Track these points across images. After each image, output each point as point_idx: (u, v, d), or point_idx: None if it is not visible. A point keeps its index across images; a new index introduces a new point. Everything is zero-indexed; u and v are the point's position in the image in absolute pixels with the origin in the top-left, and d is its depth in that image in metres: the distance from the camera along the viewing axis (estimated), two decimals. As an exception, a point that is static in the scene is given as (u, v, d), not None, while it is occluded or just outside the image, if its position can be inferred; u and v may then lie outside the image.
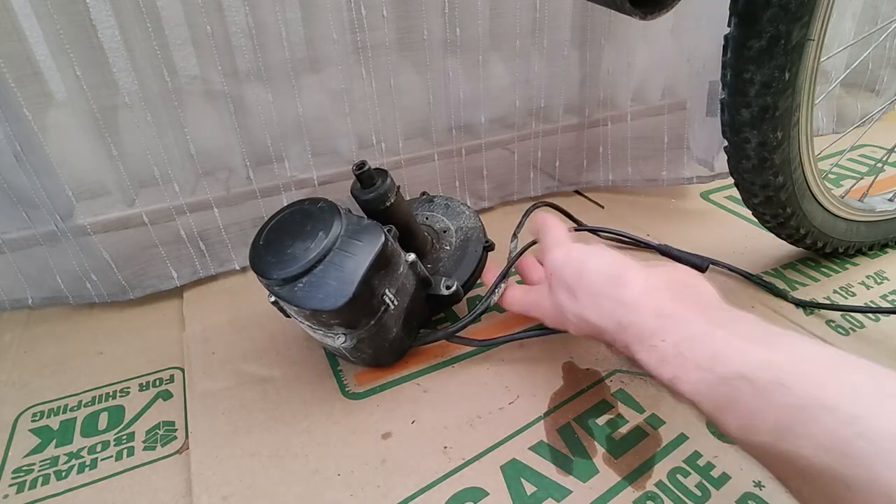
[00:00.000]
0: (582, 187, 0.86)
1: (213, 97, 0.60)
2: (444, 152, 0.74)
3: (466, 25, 0.66)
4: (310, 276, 0.43)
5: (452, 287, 0.53)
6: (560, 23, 0.71)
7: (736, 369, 0.30)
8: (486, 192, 0.79)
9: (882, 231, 0.67)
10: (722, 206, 0.81)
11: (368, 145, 0.69)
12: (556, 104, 0.77)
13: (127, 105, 0.56)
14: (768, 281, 0.62)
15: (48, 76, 0.53)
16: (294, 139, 0.64)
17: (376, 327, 0.47)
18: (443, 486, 0.41)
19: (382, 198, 0.49)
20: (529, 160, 0.80)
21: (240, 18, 0.56)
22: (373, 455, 0.44)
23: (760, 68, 0.44)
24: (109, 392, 0.52)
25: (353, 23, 0.61)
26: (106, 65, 0.54)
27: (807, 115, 0.50)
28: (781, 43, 0.42)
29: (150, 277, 0.64)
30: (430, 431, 0.46)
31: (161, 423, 0.49)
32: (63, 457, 0.46)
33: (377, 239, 0.44)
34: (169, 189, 0.61)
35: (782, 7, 0.40)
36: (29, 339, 0.60)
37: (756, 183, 0.53)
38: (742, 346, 0.31)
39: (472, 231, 0.59)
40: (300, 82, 0.62)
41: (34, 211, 0.56)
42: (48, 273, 0.60)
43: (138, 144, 0.58)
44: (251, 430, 0.47)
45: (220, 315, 0.61)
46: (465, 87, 0.70)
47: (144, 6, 0.52)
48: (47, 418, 0.50)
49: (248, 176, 0.65)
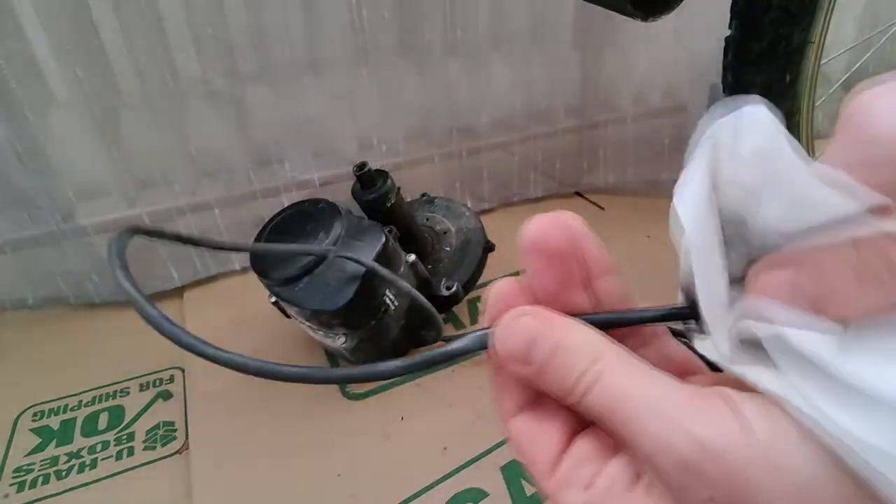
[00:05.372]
0: (582, 189, 0.86)
1: (214, 98, 0.60)
2: (445, 154, 0.74)
3: (467, 27, 0.66)
4: (310, 276, 0.43)
5: (452, 288, 0.53)
6: (561, 25, 0.71)
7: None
8: (486, 194, 0.79)
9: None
10: (722, 208, 0.81)
11: (369, 146, 0.69)
12: (556, 106, 0.77)
13: (128, 106, 0.56)
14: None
15: (50, 77, 0.53)
16: (295, 140, 0.64)
17: (377, 328, 0.47)
18: (443, 487, 0.41)
19: (383, 199, 0.49)
20: (530, 162, 0.80)
21: (241, 20, 0.56)
22: (373, 455, 0.44)
23: (761, 71, 0.44)
24: (109, 392, 0.52)
25: (355, 24, 0.61)
26: (107, 66, 0.54)
27: (807, 117, 0.50)
28: (782, 45, 0.42)
29: (151, 277, 0.64)
30: (429, 432, 0.46)
31: (161, 424, 0.49)
32: (63, 456, 0.46)
33: (378, 239, 0.45)
34: (170, 189, 0.61)
35: (783, 10, 0.41)
36: (29, 339, 0.60)
37: (756, 185, 0.53)
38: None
39: (472, 232, 0.59)
40: (301, 83, 0.62)
41: (35, 211, 0.56)
42: (49, 273, 0.60)
43: (139, 145, 0.58)
44: (251, 431, 0.47)
45: (220, 315, 0.61)
46: (466, 89, 0.70)
47: (146, 7, 0.52)
48: (47, 418, 0.50)
49: (249, 177, 0.65)
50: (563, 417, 0.20)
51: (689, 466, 0.15)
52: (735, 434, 0.15)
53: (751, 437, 0.15)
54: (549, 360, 0.18)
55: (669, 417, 0.16)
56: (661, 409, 0.16)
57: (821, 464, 0.15)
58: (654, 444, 0.16)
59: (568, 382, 0.18)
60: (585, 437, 0.19)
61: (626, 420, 0.17)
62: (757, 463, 0.15)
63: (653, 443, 0.16)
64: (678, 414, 0.16)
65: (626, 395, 0.17)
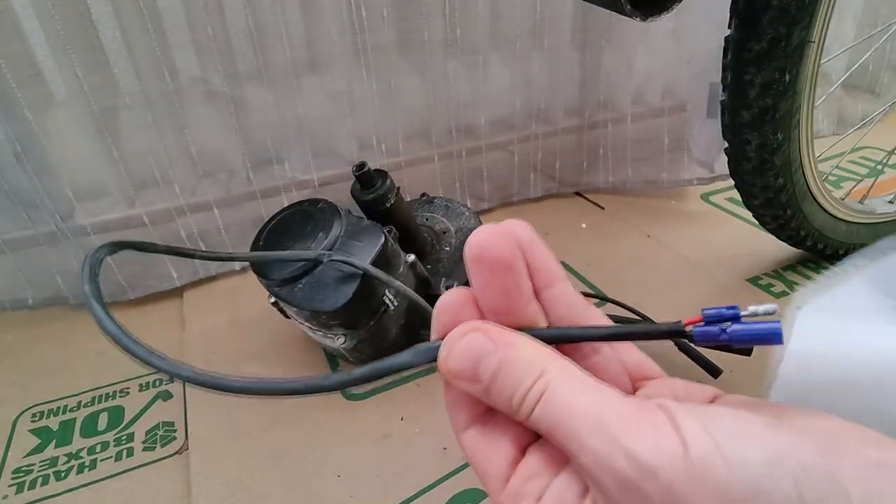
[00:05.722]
0: (582, 189, 0.86)
1: (213, 98, 0.60)
2: (445, 153, 0.74)
3: (467, 27, 0.66)
4: (310, 276, 0.43)
5: (452, 288, 0.53)
6: (560, 24, 0.71)
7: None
8: (486, 194, 0.79)
9: (882, 233, 0.67)
10: (722, 207, 0.81)
11: (368, 146, 0.69)
12: (556, 106, 0.77)
13: (128, 106, 0.56)
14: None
15: (49, 77, 0.53)
16: (294, 140, 0.64)
17: (376, 328, 0.47)
18: (443, 487, 0.41)
19: (382, 199, 0.49)
20: (530, 162, 0.80)
21: (241, 20, 0.56)
22: (373, 455, 0.44)
23: (761, 70, 0.44)
24: (109, 392, 0.52)
25: (354, 24, 0.61)
26: (107, 66, 0.54)
27: (807, 116, 0.50)
28: (782, 45, 0.42)
29: (151, 277, 0.64)
30: (429, 432, 0.46)
31: (161, 424, 0.49)
32: (62, 457, 0.46)
33: (377, 239, 0.44)
34: (169, 190, 0.61)
35: (783, 9, 0.40)
36: (29, 339, 0.60)
37: (756, 185, 0.53)
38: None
39: (472, 232, 0.59)
40: (301, 83, 0.62)
41: (35, 211, 0.56)
42: (48, 273, 0.60)
43: (139, 145, 0.58)
44: (251, 431, 0.47)
45: (220, 315, 0.61)
46: (466, 89, 0.70)
47: (146, 7, 0.52)
48: (47, 419, 0.50)
49: (249, 177, 0.65)
50: (514, 431, 0.20)
51: (628, 485, 0.16)
52: (673, 450, 0.15)
53: (687, 454, 0.15)
54: (495, 377, 0.18)
55: (609, 434, 0.16)
56: (602, 426, 0.16)
57: (761, 475, 0.15)
58: (595, 461, 0.16)
59: (515, 401, 0.18)
60: (535, 451, 0.20)
61: (570, 436, 0.17)
62: (693, 480, 0.15)
63: (594, 459, 0.16)
64: (618, 430, 0.16)
65: (569, 411, 0.17)
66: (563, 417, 0.17)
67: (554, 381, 0.18)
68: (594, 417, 0.17)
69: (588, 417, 0.17)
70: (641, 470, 0.15)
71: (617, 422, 0.16)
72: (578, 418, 0.17)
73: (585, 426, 0.17)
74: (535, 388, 0.18)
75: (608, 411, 0.17)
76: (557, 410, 0.17)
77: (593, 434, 0.16)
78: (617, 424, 0.16)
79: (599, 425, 0.16)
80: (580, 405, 0.17)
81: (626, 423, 0.16)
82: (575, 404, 0.17)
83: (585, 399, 0.17)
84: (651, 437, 0.16)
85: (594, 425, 0.16)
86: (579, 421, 0.17)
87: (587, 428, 0.17)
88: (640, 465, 0.15)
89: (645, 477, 0.15)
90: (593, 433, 0.16)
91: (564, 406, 0.17)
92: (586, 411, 0.17)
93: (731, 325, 0.18)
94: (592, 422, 0.17)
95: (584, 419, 0.17)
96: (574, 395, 0.17)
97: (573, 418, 0.17)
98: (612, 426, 0.16)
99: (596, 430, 0.16)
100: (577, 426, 0.17)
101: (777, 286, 0.62)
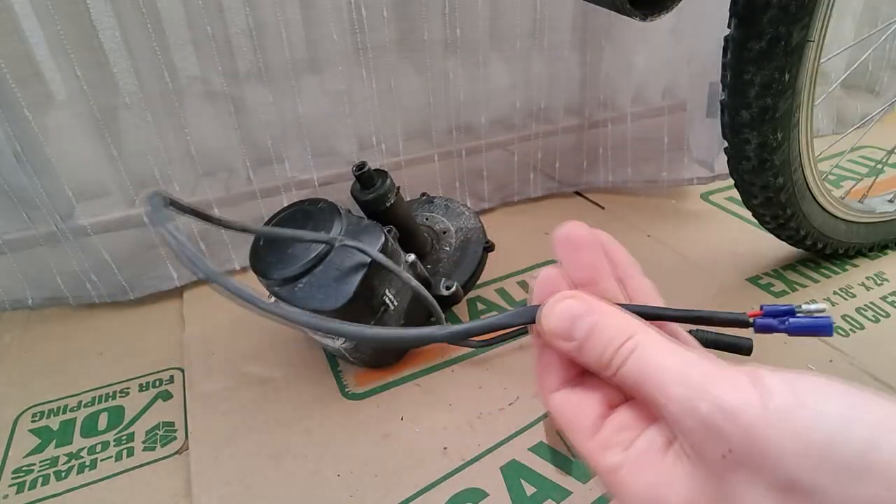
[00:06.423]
0: (582, 188, 0.86)
1: (213, 98, 0.60)
2: (445, 153, 0.74)
3: (467, 26, 0.66)
4: (310, 276, 0.43)
5: (452, 287, 0.53)
6: (560, 24, 0.71)
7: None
8: (486, 193, 0.79)
9: (882, 232, 0.67)
10: (722, 207, 0.81)
11: (368, 146, 0.69)
12: (556, 105, 0.77)
13: (127, 105, 0.56)
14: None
15: (49, 77, 0.53)
16: (294, 140, 0.64)
17: (376, 328, 0.47)
18: (443, 487, 0.41)
19: (382, 198, 0.49)
20: (530, 161, 0.80)
21: (240, 19, 0.56)
22: (373, 455, 0.44)
23: (760, 69, 0.44)
24: (109, 392, 0.52)
25: (354, 24, 0.61)
26: (106, 65, 0.54)
27: (807, 116, 0.50)
28: (781, 44, 0.42)
29: (150, 277, 0.64)
30: (429, 432, 0.46)
31: (161, 424, 0.49)
32: (63, 457, 0.46)
33: (377, 239, 0.45)
34: (169, 189, 0.61)
35: (782, 9, 0.40)
36: (29, 340, 0.60)
37: (756, 184, 0.53)
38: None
39: (472, 232, 0.59)
40: (300, 83, 0.62)
41: (34, 211, 0.56)
42: (48, 273, 0.60)
43: (138, 145, 0.58)
44: (251, 431, 0.47)
45: (220, 315, 0.61)
46: (466, 89, 0.70)
47: (145, 7, 0.52)
48: (47, 419, 0.50)
49: (249, 176, 0.65)
50: (602, 392, 0.22)
51: (709, 425, 0.17)
52: (752, 399, 0.17)
53: (768, 402, 0.17)
54: (589, 336, 0.20)
55: (694, 384, 0.18)
56: (687, 378, 0.18)
57: (839, 425, 0.16)
58: (680, 408, 0.18)
59: (605, 356, 0.20)
60: (624, 409, 0.21)
61: (657, 387, 0.19)
62: (773, 424, 0.16)
63: (679, 406, 0.18)
64: (702, 381, 0.18)
65: (656, 365, 0.19)
66: (650, 370, 0.19)
67: (643, 343, 0.20)
68: (680, 371, 0.18)
69: (674, 370, 0.18)
70: (724, 412, 0.17)
71: (701, 375, 0.18)
72: (666, 371, 0.19)
73: (672, 378, 0.18)
74: (625, 347, 0.20)
75: (694, 368, 0.18)
76: (645, 365, 0.19)
77: (679, 384, 0.18)
78: (701, 377, 0.18)
79: (684, 377, 0.18)
80: (667, 361, 0.19)
81: (710, 376, 0.18)
82: (662, 360, 0.19)
83: (672, 356, 0.19)
84: (734, 387, 0.17)
85: (680, 377, 0.18)
86: (667, 374, 0.19)
87: (673, 380, 0.18)
88: (723, 408, 0.17)
89: (727, 418, 0.17)
90: (679, 384, 0.18)
91: (652, 362, 0.19)
92: (673, 365, 0.19)
93: (789, 319, 0.21)
94: (678, 374, 0.18)
95: (671, 371, 0.18)
96: (661, 353, 0.19)
97: (660, 371, 0.19)
98: (696, 378, 0.18)
99: (681, 380, 0.18)
100: (665, 378, 0.18)
101: (777, 285, 0.62)
